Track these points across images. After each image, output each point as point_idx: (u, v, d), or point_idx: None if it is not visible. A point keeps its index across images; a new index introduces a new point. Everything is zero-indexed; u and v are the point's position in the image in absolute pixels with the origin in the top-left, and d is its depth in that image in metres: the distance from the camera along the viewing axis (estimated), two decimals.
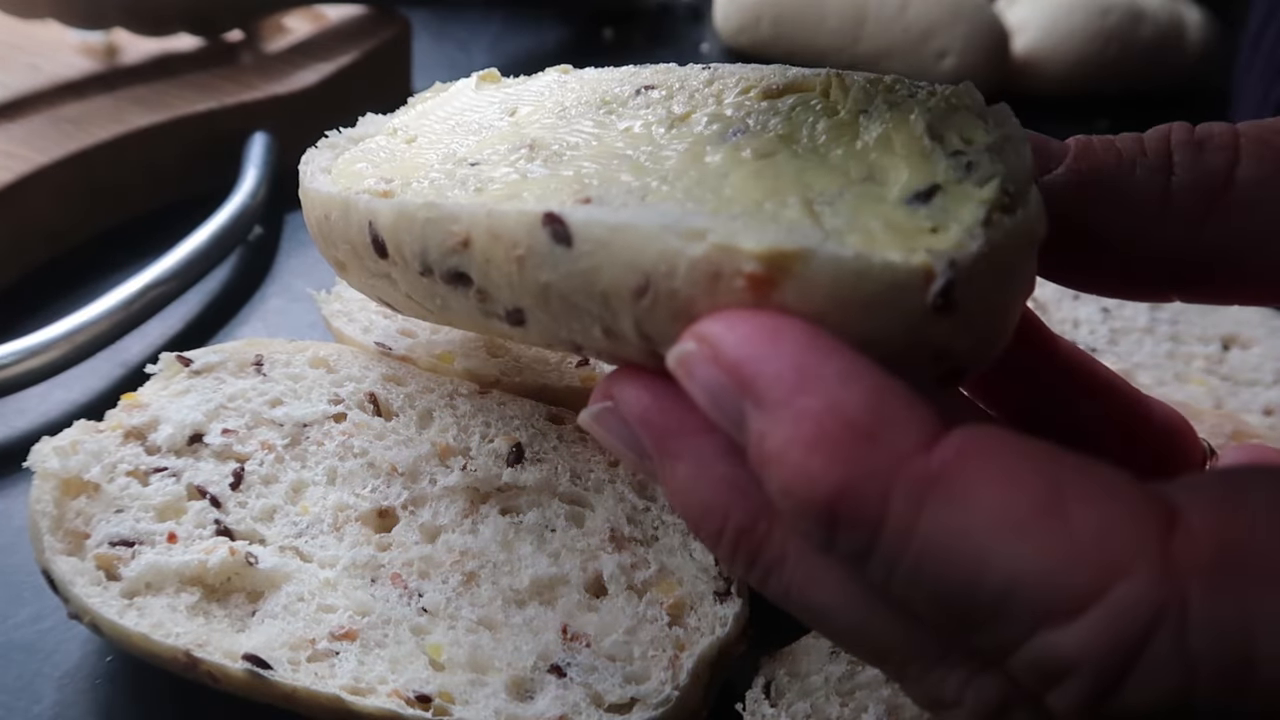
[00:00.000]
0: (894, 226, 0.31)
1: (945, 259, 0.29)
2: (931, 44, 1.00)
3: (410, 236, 0.38)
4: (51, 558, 0.45)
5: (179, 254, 0.69)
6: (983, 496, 0.26)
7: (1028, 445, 0.27)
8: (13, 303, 0.70)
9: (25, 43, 0.85)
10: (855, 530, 0.27)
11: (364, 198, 0.40)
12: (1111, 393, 0.40)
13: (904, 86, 0.38)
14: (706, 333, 0.29)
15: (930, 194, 0.32)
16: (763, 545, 0.31)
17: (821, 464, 0.27)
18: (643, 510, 0.50)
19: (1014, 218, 0.32)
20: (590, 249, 0.32)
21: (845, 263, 0.29)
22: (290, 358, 0.55)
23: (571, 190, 0.36)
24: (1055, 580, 0.25)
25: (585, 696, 0.44)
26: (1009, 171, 0.33)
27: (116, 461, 0.49)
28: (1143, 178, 0.35)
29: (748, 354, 0.28)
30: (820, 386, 0.27)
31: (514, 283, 0.35)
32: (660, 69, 0.45)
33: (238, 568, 0.47)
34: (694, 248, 0.30)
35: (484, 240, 0.35)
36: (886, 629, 0.30)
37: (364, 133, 0.48)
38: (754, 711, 0.44)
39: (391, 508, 0.50)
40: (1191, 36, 1.07)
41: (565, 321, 0.35)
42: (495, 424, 0.52)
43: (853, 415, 0.27)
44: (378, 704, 0.43)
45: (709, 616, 0.46)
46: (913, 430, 0.27)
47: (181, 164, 0.80)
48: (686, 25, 1.20)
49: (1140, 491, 0.27)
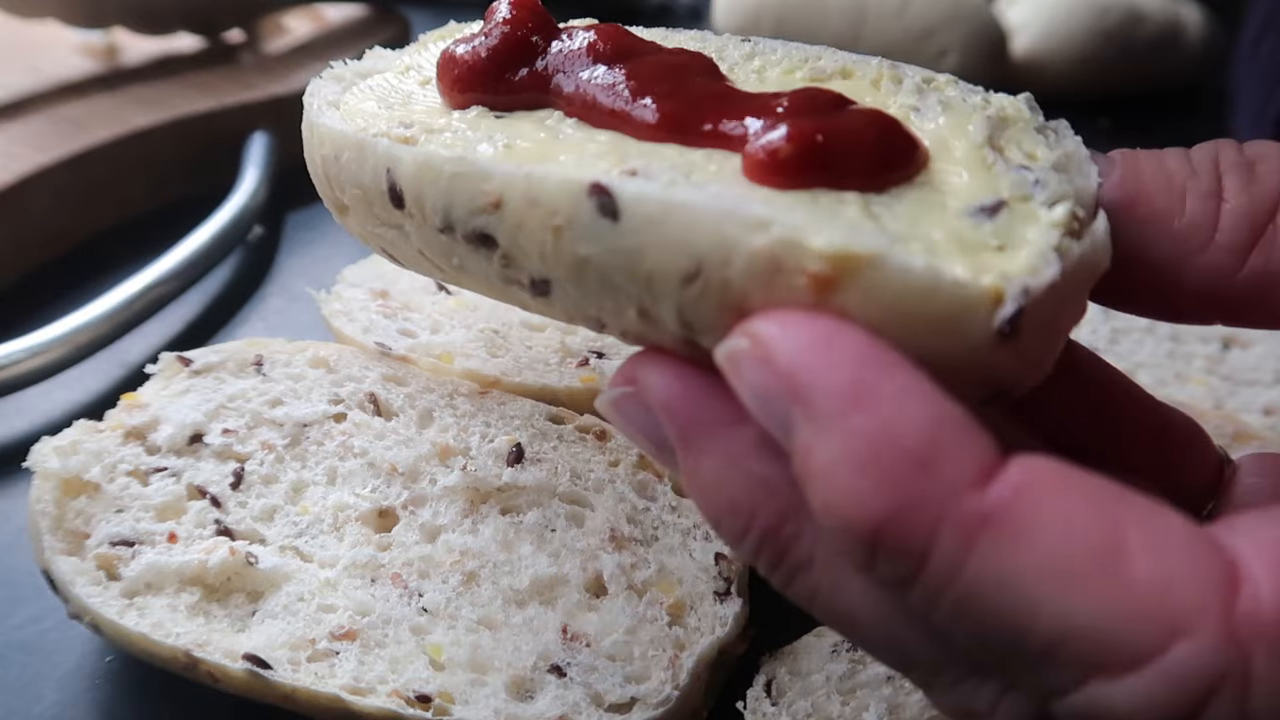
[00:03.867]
0: (958, 239, 0.30)
1: (1020, 285, 0.28)
2: (931, 43, 1.00)
3: (434, 190, 0.35)
4: (51, 558, 0.45)
5: (179, 254, 0.69)
6: (1038, 541, 0.25)
7: (1087, 484, 0.26)
8: (13, 303, 0.70)
9: (25, 43, 0.85)
10: (899, 560, 0.26)
11: (383, 142, 0.37)
12: (1130, 400, 0.39)
13: (957, 89, 0.37)
14: (761, 333, 0.28)
15: (996, 209, 0.31)
16: (790, 547, 0.30)
17: (869, 488, 0.26)
18: (643, 510, 0.50)
19: (1082, 245, 0.30)
20: (639, 226, 0.30)
21: (914, 274, 0.28)
22: (290, 358, 0.55)
23: (612, 158, 0.34)
24: (1112, 634, 0.25)
25: (585, 696, 0.44)
26: (1076, 193, 0.32)
27: (117, 461, 0.49)
28: (1193, 204, 0.34)
29: (803, 362, 0.27)
30: (875, 406, 0.26)
31: (546, 252, 0.33)
32: (694, 36, 0.42)
33: (238, 568, 0.47)
34: (756, 238, 0.28)
35: (519, 204, 0.33)
36: (917, 642, 0.29)
37: (372, 67, 0.45)
38: (755, 710, 0.44)
39: (391, 508, 0.50)
40: (1191, 36, 1.07)
41: (596, 299, 0.33)
42: (495, 424, 0.52)
43: (907, 440, 0.26)
44: (378, 704, 0.43)
45: (709, 616, 0.46)
46: (969, 461, 0.26)
47: (181, 164, 0.80)
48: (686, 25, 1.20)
49: (1204, 542, 0.26)
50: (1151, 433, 0.39)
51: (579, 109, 0.37)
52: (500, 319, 0.59)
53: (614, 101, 0.36)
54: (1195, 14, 1.09)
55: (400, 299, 0.61)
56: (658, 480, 0.51)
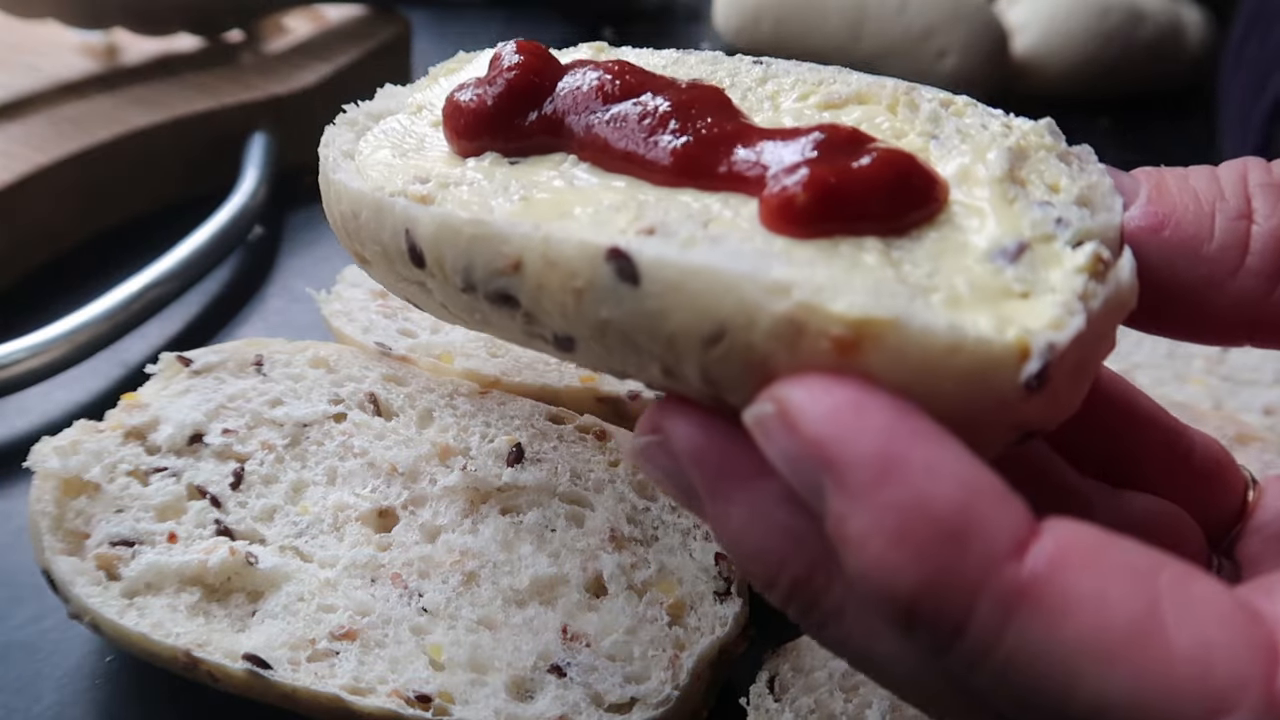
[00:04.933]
0: (980, 288, 0.29)
1: (1045, 341, 0.28)
2: (931, 44, 1.00)
3: (454, 252, 0.35)
4: (51, 558, 0.45)
5: (179, 254, 0.69)
6: (1075, 615, 0.25)
7: (1122, 552, 0.26)
8: (13, 303, 0.70)
9: (25, 43, 0.85)
10: (935, 630, 0.26)
11: (400, 202, 0.36)
12: (1154, 424, 0.39)
13: (976, 113, 0.36)
14: (788, 400, 0.27)
15: (1019, 253, 0.30)
16: (821, 598, 0.30)
17: (904, 561, 0.25)
18: (643, 510, 0.50)
19: (1108, 288, 0.30)
20: (659, 290, 0.30)
21: (937, 335, 0.27)
22: (290, 358, 0.55)
23: (629, 212, 0.33)
24: (1151, 708, 0.24)
25: (585, 696, 0.44)
26: (1100, 230, 0.32)
27: (117, 461, 0.49)
28: (1223, 227, 0.33)
29: (830, 433, 0.26)
30: (907, 478, 0.26)
31: (568, 313, 0.32)
32: (706, 59, 0.42)
33: (238, 568, 0.47)
34: (777, 303, 0.28)
35: (538, 266, 0.32)
36: (950, 696, 0.29)
37: (384, 107, 0.44)
38: (759, 706, 0.44)
39: (391, 508, 0.50)
40: (1191, 37, 1.07)
41: (620, 356, 0.33)
42: (495, 424, 0.52)
43: (940, 513, 0.25)
44: (378, 704, 0.43)
45: (709, 616, 0.46)
46: (1003, 532, 0.26)
47: (181, 164, 0.80)
48: (687, 25, 1.20)
49: (1241, 612, 0.26)
50: (1175, 454, 0.39)
51: (592, 154, 0.36)
52: None
53: (626, 145, 0.35)
54: (1195, 14, 1.09)
55: (400, 299, 0.61)
56: None
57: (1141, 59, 1.05)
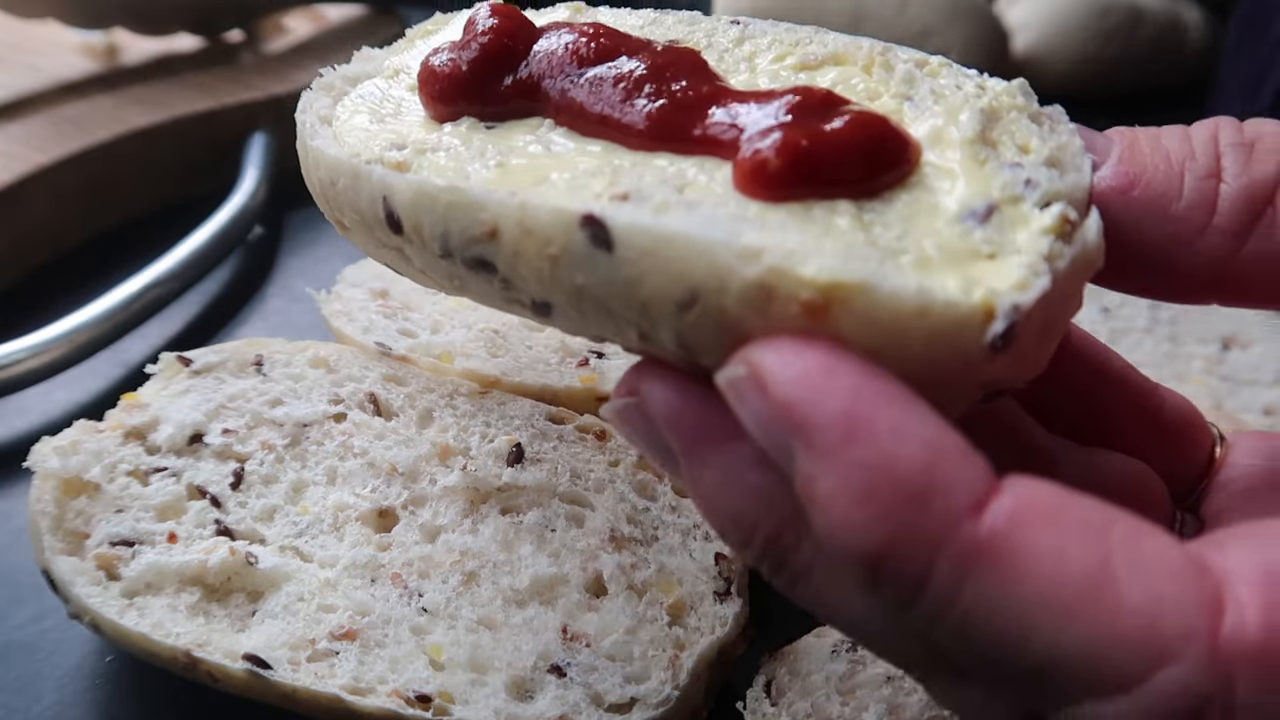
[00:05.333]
0: (949, 250, 0.30)
1: (1009, 302, 0.28)
2: (931, 43, 1.00)
3: (431, 218, 0.35)
4: (51, 558, 0.45)
5: (179, 254, 0.69)
6: (1031, 570, 0.26)
7: (1078, 509, 0.27)
8: (13, 303, 0.70)
9: (25, 43, 0.85)
10: (898, 586, 0.27)
11: (377, 169, 0.36)
12: (1124, 383, 0.40)
13: (950, 74, 0.36)
14: (758, 363, 0.28)
15: (988, 214, 0.31)
16: (791, 556, 0.31)
17: (867, 519, 0.26)
18: (643, 510, 0.50)
19: (1074, 249, 0.30)
20: (633, 256, 0.30)
21: (905, 298, 0.28)
22: (290, 358, 0.55)
23: (604, 176, 0.33)
24: (1101, 659, 0.25)
25: (585, 696, 0.44)
26: (1068, 191, 0.32)
27: (117, 461, 0.49)
28: (1192, 186, 0.34)
29: (800, 395, 0.27)
30: (872, 439, 0.26)
31: (544, 280, 0.33)
32: (683, 18, 0.41)
33: (238, 568, 0.47)
34: (749, 268, 0.29)
35: (514, 233, 0.33)
36: (916, 649, 0.30)
37: (361, 70, 0.44)
38: (755, 710, 0.44)
39: (391, 508, 0.50)
40: (1191, 36, 1.07)
41: (596, 321, 0.33)
42: (495, 424, 0.52)
43: (903, 473, 0.26)
44: (378, 704, 0.43)
45: (709, 616, 0.46)
46: (963, 491, 0.26)
47: (181, 164, 0.80)
48: None
49: (1191, 566, 0.26)
50: (1145, 413, 0.39)
51: (567, 118, 0.36)
52: (500, 319, 0.59)
53: (602, 110, 0.35)
54: (1195, 14, 1.09)
55: (400, 299, 0.61)
56: (658, 480, 0.51)
57: (1141, 58, 1.05)
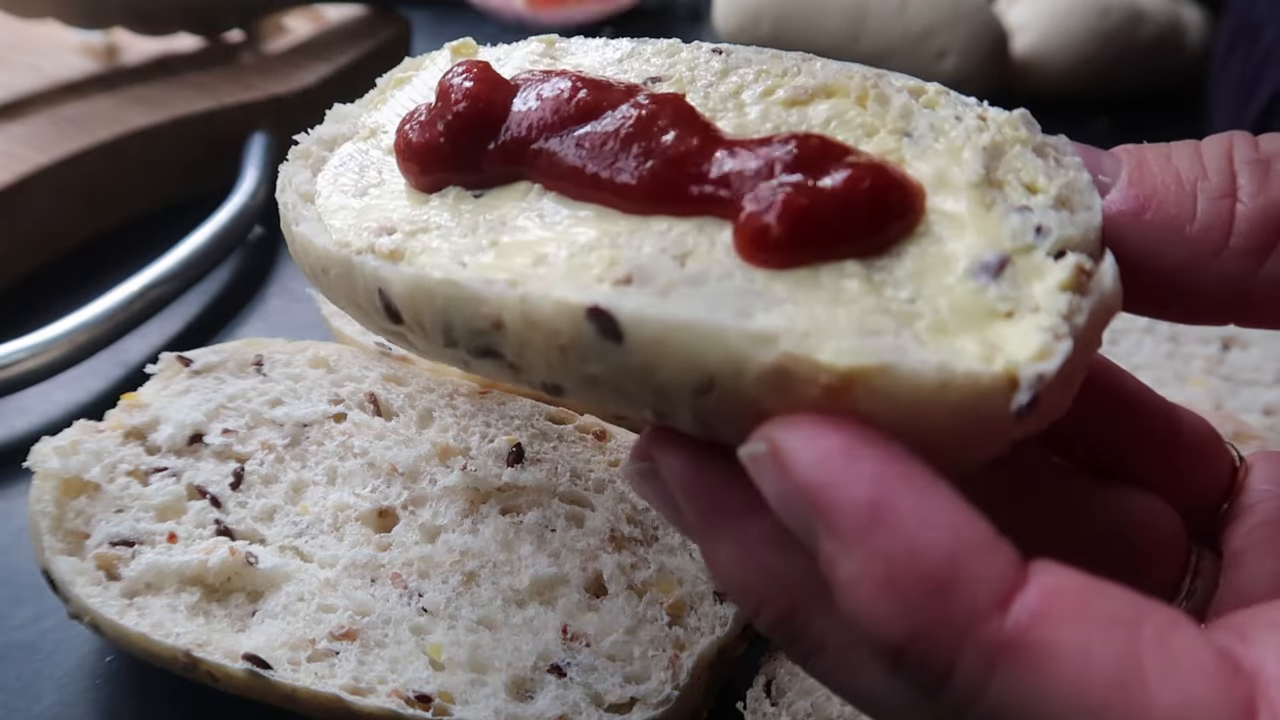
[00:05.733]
0: (963, 310, 0.29)
1: (1033, 373, 0.28)
2: (931, 44, 1.00)
3: (431, 310, 0.33)
4: (51, 558, 0.45)
5: (179, 254, 0.69)
6: (1058, 668, 0.25)
7: (1107, 603, 0.26)
8: (13, 303, 0.70)
9: (25, 43, 0.85)
10: (922, 674, 0.26)
11: (370, 262, 0.35)
12: (1141, 404, 0.39)
13: (949, 103, 0.35)
14: (780, 444, 0.28)
15: (1000, 267, 0.30)
16: (802, 634, 0.31)
17: (892, 609, 0.26)
18: (643, 510, 0.50)
19: (1091, 300, 0.30)
20: (644, 345, 0.29)
21: (926, 375, 0.27)
22: (290, 358, 0.55)
23: (603, 251, 0.32)
24: None
25: (585, 696, 0.44)
26: (1080, 235, 0.31)
27: (117, 461, 0.49)
28: (1205, 207, 0.32)
29: (822, 479, 0.27)
30: (896, 527, 0.26)
31: (554, 367, 0.32)
32: (664, 47, 0.40)
33: (238, 568, 0.47)
34: (763, 353, 0.28)
35: (519, 325, 0.31)
36: None
37: (336, 131, 0.42)
38: (755, 710, 0.44)
39: (391, 508, 0.50)
40: (1191, 37, 1.07)
41: (611, 403, 0.32)
42: (495, 424, 0.52)
43: (927, 564, 0.26)
44: (378, 704, 0.43)
45: (709, 616, 0.46)
46: (988, 584, 0.26)
47: (181, 164, 0.80)
48: (687, 24, 1.20)
49: (1222, 667, 0.26)
50: (1164, 437, 0.38)
51: (556, 183, 0.35)
52: None
53: (591, 172, 0.34)
54: (1195, 14, 1.09)
55: None
56: None
57: (1141, 59, 1.05)
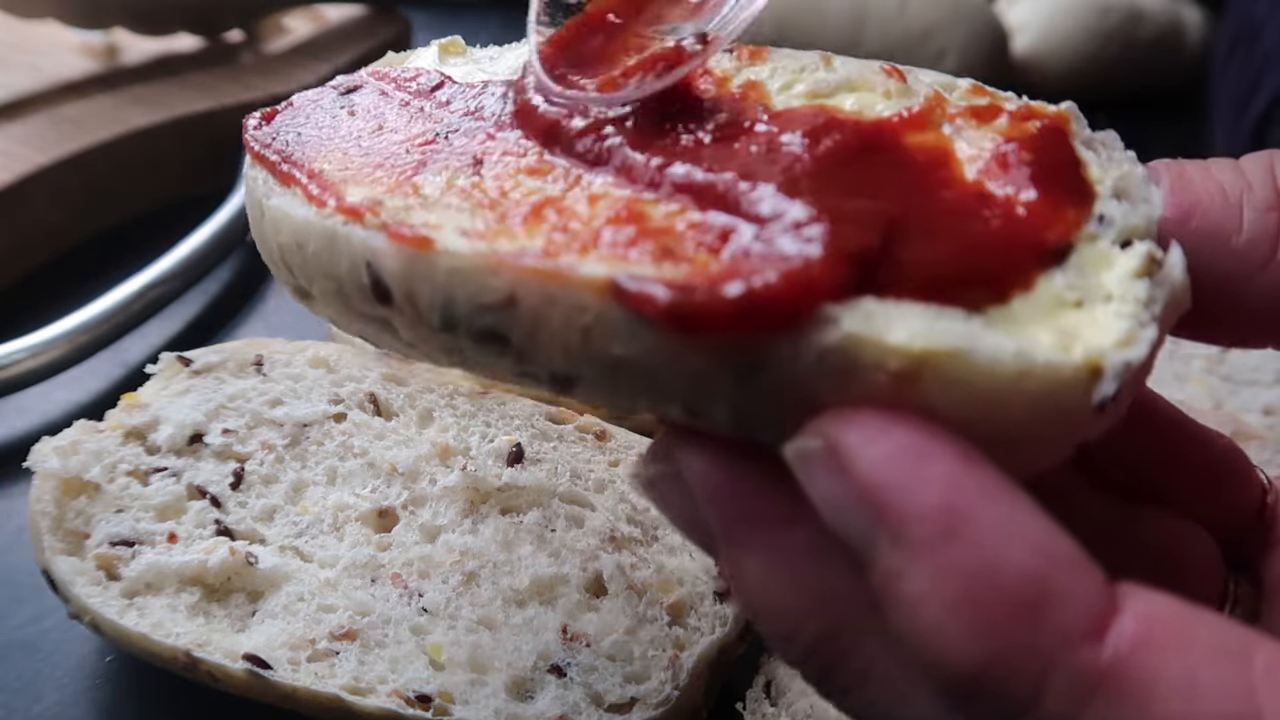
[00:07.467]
0: (1032, 299, 0.27)
1: (1121, 361, 0.26)
2: (931, 44, 1.00)
3: (429, 286, 0.29)
4: (51, 558, 0.45)
5: (179, 254, 0.69)
6: (1165, 703, 0.23)
7: (1213, 633, 0.24)
8: (13, 303, 0.70)
9: (25, 43, 0.85)
10: (997, 707, 0.24)
11: (358, 232, 0.30)
12: (1171, 426, 0.37)
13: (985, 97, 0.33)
14: (839, 440, 0.25)
15: (1064, 254, 0.28)
16: (845, 661, 0.27)
17: (967, 632, 0.23)
18: (643, 510, 0.50)
19: (1164, 290, 0.28)
20: None
21: (1003, 362, 0.25)
22: (290, 358, 0.55)
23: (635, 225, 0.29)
24: None
25: (585, 696, 0.44)
26: (1144, 225, 0.30)
27: (117, 461, 0.49)
28: (1252, 219, 0.31)
29: (888, 480, 0.24)
30: (974, 539, 0.23)
31: (572, 352, 0.28)
32: None
33: (238, 568, 0.46)
34: (826, 334, 0.25)
35: (535, 302, 0.28)
36: None
37: None
38: (755, 710, 0.44)
39: (391, 508, 0.50)
40: (1191, 37, 1.07)
41: (631, 395, 0.29)
42: (495, 424, 0.52)
43: (1011, 582, 0.23)
44: (378, 704, 0.43)
45: (709, 616, 0.46)
46: (1081, 608, 0.23)
47: (181, 164, 0.80)
48: None
49: None
50: (1197, 460, 0.37)
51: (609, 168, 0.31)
52: None
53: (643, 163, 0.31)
54: (1195, 14, 1.09)
55: None
56: None
57: (1141, 58, 1.05)
